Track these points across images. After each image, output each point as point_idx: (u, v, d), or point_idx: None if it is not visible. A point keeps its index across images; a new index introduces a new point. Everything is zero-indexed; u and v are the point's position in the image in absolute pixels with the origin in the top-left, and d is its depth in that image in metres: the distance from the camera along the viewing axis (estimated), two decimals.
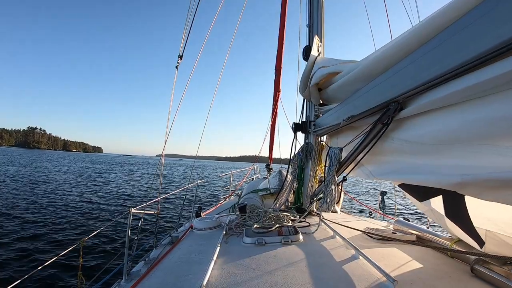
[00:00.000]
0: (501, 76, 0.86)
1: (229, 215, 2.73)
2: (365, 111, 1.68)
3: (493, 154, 0.94)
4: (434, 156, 1.24)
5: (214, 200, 11.00)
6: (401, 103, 1.38)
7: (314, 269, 1.41)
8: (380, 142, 1.60)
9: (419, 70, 1.22)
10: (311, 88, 2.47)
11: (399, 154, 1.53)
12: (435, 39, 1.13)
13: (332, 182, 2.05)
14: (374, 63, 1.56)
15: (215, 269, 1.42)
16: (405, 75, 1.32)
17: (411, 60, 1.28)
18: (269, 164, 8.73)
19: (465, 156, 1.06)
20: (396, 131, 1.51)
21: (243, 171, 8.84)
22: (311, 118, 2.89)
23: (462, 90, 1.00)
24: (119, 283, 1.72)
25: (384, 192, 4.12)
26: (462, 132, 1.05)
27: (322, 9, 3.05)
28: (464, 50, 0.98)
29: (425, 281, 1.31)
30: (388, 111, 1.46)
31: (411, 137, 1.38)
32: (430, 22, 1.14)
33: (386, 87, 1.49)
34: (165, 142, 3.39)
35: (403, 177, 1.50)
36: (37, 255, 5.12)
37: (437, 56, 1.11)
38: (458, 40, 1.01)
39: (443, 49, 1.08)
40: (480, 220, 1.37)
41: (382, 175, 1.72)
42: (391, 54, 1.40)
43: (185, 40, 3.75)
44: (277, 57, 7.64)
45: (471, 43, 0.95)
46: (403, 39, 1.31)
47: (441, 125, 1.16)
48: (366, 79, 1.68)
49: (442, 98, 1.11)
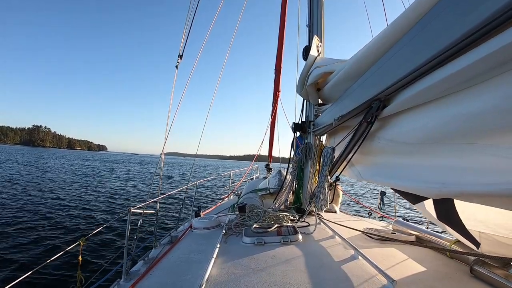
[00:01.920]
0: (472, 67, 0.84)
1: (228, 215, 2.73)
2: (352, 110, 1.68)
3: (473, 153, 0.92)
4: (417, 157, 1.23)
5: (213, 200, 11.00)
6: (383, 101, 1.37)
7: (313, 269, 1.41)
8: (367, 141, 1.60)
9: (396, 66, 1.22)
10: (308, 88, 2.47)
11: (385, 155, 1.53)
12: (408, 34, 1.12)
13: (325, 181, 2.05)
14: (358, 61, 1.56)
15: (214, 269, 1.42)
16: (385, 72, 1.31)
17: (389, 57, 1.27)
18: (269, 164, 8.73)
19: (446, 156, 1.05)
20: (381, 130, 1.50)
21: (242, 170, 8.83)
22: (310, 118, 2.89)
23: (438, 84, 1.00)
24: (118, 282, 1.72)
25: (383, 192, 4.12)
26: (442, 130, 1.05)
27: (322, 9, 3.05)
28: (435, 43, 0.97)
29: (425, 281, 1.31)
30: (371, 110, 1.45)
31: (395, 136, 1.38)
32: (404, 17, 1.13)
33: (369, 85, 1.49)
34: (164, 142, 3.39)
35: (388, 181, 1.49)
36: (35, 254, 5.12)
37: (411, 51, 1.11)
38: (427, 34, 1.00)
39: (415, 43, 1.08)
40: (472, 222, 1.37)
41: (370, 177, 1.71)
42: (372, 51, 1.40)
43: (185, 39, 3.75)
44: (277, 57, 7.64)
45: (441, 35, 0.94)
46: (381, 35, 1.31)
47: (422, 123, 1.16)
48: (353, 77, 1.68)
49: (421, 93, 1.10)
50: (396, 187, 1.43)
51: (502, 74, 0.79)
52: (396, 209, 4.34)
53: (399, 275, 1.35)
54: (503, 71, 0.78)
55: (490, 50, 0.77)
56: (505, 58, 0.75)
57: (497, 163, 0.84)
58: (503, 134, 0.81)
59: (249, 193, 3.91)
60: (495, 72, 0.80)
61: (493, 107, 0.82)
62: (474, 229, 1.39)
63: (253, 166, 8.95)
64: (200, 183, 4.76)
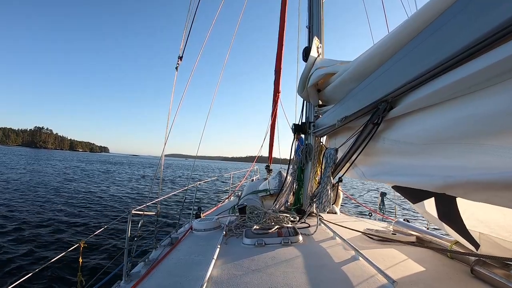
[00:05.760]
0: (481, 72, 0.85)
1: (228, 216, 2.73)
2: (357, 111, 1.68)
3: (479, 154, 0.93)
4: (422, 157, 1.24)
5: (214, 201, 10.99)
6: (390, 102, 1.37)
7: (314, 270, 1.41)
8: (372, 142, 1.61)
9: (405, 68, 1.22)
10: (309, 89, 2.48)
11: (390, 155, 1.53)
12: (418, 37, 1.12)
13: (327, 182, 2.05)
14: (364, 62, 1.56)
15: (214, 270, 1.42)
16: (393, 74, 1.32)
17: (397, 59, 1.28)
18: (269, 165, 8.73)
19: (452, 156, 1.05)
20: (387, 131, 1.51)
21: (242, 172, 8.84)
22: (310, 119, 2.89)
23: (447, 87, 1.00)
24: (118, 284, 1.72)
25: (384, 193, 4.12)
26: (448, 131, 1.05)
27: (322, 10, 3.06)
28: (445, 47, 0.97)
29: (425, 282, 1.31)
30: (378, 111, 1.45)
31: (401, 137, 1.38)
32: (414, 19, 1.14)
33: (375, 87, 1.49)
34: (164, 144, 3.40)
35: (392, 178, 1.49)
36: (36, 256, 5.11)
37: (421, 54, 1.11)
38: (439, 37, 1.00)
39: (426, 46, 1.08)
40: (473, 222, 1.37)
41: (374, 176, 1.71)
42: (379, 53, 1.40)
43: (185, 41, 3.76)
44: (276, 58, 7.66)
45: (452, 39, 0.94)
46: (389, 38, 1.31)
47: (429, 124, 1.16)
48: (358, 79, 1.67)
49: (428, 96, 1.10)
50: (400, 183, 1.43)
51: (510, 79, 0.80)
52: (396, 210, 4.34)
53: (400, 276, 1.35)
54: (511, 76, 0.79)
55: (499, 57, 0.78)
56: None
57: (503, 163, 0.84)
58: (509, 135, 0.82)
59: (249, 194, 3.91)
60: (503, 77, 0.81)
61: (500, 109, 0.82)
62: (474, 229, 1.39)
63: (254, 167, 8.95)
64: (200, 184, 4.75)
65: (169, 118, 3.40)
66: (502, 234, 1.29)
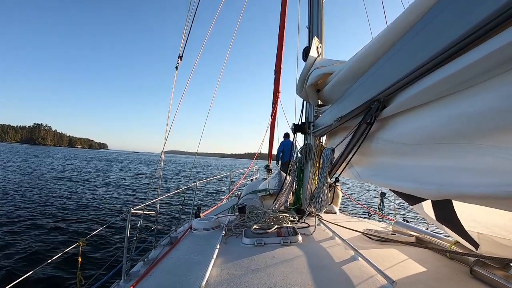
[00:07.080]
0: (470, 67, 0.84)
1: (228, 216, 2.73)
2: (352, 111, 1.68)
3: (474, 154, 0.92)
4: (415, 158, 1.23)
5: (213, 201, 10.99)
6: (383, 101, 1.37)
7: (313, 270, 1.41)
8: (367, 142, 1.61)
9: (396, 66, 1.22)
10: (307, 89, 2.48)
11: (384, 155, 1.53)
12: (407, 35, 1.12)
13: (324, 182, 2.05)
14: (358, 61, 1.56)
15: (214, 270, 1.42)
16: (384, 72, 1.32)
17: (388, 57, 1.28)
18: (269, 165, 8.74)
19: (446, 157, 1.05)
20: (381, 131, 1.51)
21: (242, 171, 8.84)
22: (310, 119, 2.89)
23: (438, 84, 0.99)
24: (118, 283, 1.72)
25: (383, 193, 4.12)
26: (441, 131, 1.04)
27: (322, 10, 3.06)
28: (435, 42, 0.97)
29: (424, 282, 1.31)
30: (371, 111, 1.45)
31: (394, 137, 1.38)
32: (403, 17, 1.14)
33: (368, 86, 1.49)
34: (164, 142, 3.40)
35: (386, 182, 1.49)
36: (35, 255, 5.11)
37: (411, 51, 1.11)
38: (428, 33, 1.00)
39: (414, 44, 1.08)
40: (471, 223, 1.36)
41: (369, 177, 1.71)
42: (371, 51, 1.40)
43: (185, 40, 3.76)
44: (276, 58, 7.66)
45: (441, 34, 0.93)
46: (380, 36, 1.31)
47: (422, 124, 1.16)
48: (353, 78, 1.68)
49: (420, 93, 1.10)
50: (394, 188, 1.43)
51: (502, 74, 0.78)
52: (396, 210, 4.34)
53: (399, 276, 1.35)
54: (502, 71, 0.78)
55: (489, 50, 0.77)
56: (505, 58, 0.75)
57: (497, 164, 0.83)
58: (503, 134, 0.80)
59: (249, 194, 3.91)
60: (495, 72, 0.80)
61: (493, 107, 0.81)
62: (473, 230, 1.39)
63: (253, 167, 8.95)
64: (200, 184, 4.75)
65: (169, 117, 3.40)
66: (501, 234, 1.30)
